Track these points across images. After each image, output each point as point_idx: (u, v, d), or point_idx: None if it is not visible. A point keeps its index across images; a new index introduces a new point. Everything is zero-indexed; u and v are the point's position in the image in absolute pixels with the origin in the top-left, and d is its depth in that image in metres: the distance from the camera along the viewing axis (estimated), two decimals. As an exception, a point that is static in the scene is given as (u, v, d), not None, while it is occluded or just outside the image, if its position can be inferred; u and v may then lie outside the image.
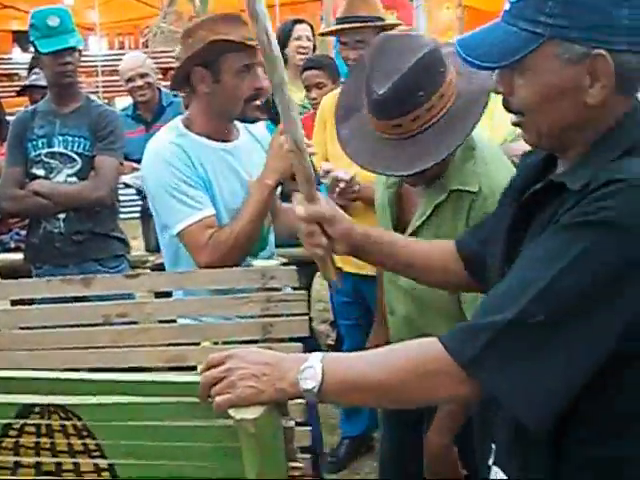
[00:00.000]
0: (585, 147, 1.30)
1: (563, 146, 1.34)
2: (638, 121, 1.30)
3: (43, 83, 4.13)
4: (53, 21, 3.41)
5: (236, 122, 2.52)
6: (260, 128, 2.63)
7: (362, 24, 3.18)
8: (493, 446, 1.41)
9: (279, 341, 1.87)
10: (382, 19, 3.25)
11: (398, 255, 1.72)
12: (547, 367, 1.18)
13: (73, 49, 3.50)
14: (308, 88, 4.09)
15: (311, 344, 2.48)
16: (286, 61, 4.41)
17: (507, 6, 1.29)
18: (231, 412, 1.27)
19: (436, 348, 1.24)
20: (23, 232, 3.93)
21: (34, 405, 1.43)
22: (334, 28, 3.33)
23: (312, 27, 4.75)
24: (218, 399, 1.28)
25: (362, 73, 1.96)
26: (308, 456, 1.83)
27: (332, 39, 4.92)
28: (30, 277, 3.44)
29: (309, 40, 4.67)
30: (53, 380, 1.46)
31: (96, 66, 10.94)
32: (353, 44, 3.20)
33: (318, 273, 3.63)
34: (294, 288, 1.89)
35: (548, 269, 1.18)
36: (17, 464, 1.50)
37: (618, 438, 1.26)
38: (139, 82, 4.59)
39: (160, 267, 4.08)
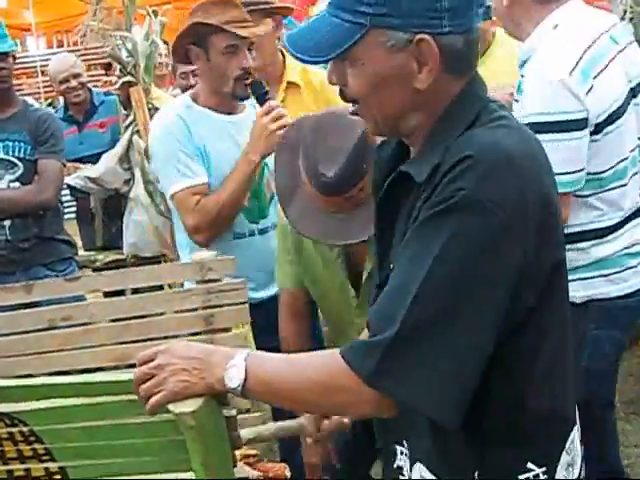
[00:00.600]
0: (426, 130, 1.31)
1: (403, 131, 1.34)
2: (475, 94, 1.32)
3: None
4: (-16, 28, 3.40)
5: None
6: None
7: (250, 7, 3.20)
8: (398, 447, 1.43)
9: (222, 331, 1.89)
10: (269, 2, 3.25)
11: None
12: (445, 362, 1.18)
13: (6, 54, 3.48)
14: None
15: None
16: None
17: None
18: (170, 406, 1.29)
19: (340, 364, 1.23)
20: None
21: (-21, 415, 1.45)
22: None
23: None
24: (152, 399, 1.30)
25: (291, 152, 2.05)
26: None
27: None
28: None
29: None
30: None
31: (36, 66, 10.77)
32: None
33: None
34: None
35: (420, 269, 1.18)
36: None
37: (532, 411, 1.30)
38: (73, 83, 4.55)
39: (109, 266, 4.11)
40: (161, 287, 2.53)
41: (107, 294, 2.80)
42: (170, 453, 1.41)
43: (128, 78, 3.85)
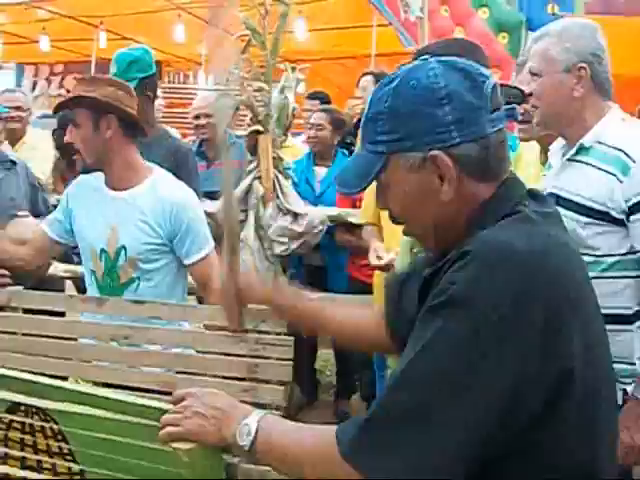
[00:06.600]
0: (461, 234, 1.33)
1: (445, 241, 1.36)
2: (506, 198, 1.33)
3: None
4: None
5: (153, 173, 2.67)
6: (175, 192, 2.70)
7: None
8: None
9: (264, 382, 1.97)
10: None
11: (325, 327, 1.80)
12: (410, 452, 1.19)
13: None
14: None
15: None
16: None
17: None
18: None
19: (330, 435, 1.28)
20: None
21: (20, 404, 1.59)
22: None
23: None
24: (167, 428, 1.42)
25: None
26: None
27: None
28: None
29: None
30: (36, 384, 1.60)
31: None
32: None
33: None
34: (280, 333, 2.01)
35: (406, 362, 1.22)
36: (6, 455, 1.65)
37: None
38: (202, 121, 4.75)
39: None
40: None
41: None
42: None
43: (257, 127, 4.04)
